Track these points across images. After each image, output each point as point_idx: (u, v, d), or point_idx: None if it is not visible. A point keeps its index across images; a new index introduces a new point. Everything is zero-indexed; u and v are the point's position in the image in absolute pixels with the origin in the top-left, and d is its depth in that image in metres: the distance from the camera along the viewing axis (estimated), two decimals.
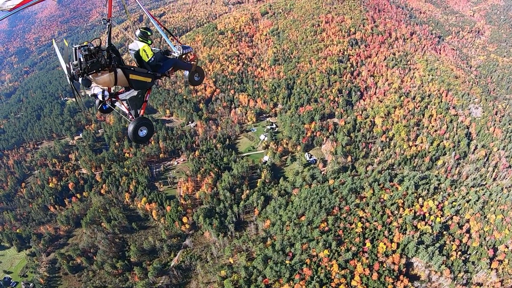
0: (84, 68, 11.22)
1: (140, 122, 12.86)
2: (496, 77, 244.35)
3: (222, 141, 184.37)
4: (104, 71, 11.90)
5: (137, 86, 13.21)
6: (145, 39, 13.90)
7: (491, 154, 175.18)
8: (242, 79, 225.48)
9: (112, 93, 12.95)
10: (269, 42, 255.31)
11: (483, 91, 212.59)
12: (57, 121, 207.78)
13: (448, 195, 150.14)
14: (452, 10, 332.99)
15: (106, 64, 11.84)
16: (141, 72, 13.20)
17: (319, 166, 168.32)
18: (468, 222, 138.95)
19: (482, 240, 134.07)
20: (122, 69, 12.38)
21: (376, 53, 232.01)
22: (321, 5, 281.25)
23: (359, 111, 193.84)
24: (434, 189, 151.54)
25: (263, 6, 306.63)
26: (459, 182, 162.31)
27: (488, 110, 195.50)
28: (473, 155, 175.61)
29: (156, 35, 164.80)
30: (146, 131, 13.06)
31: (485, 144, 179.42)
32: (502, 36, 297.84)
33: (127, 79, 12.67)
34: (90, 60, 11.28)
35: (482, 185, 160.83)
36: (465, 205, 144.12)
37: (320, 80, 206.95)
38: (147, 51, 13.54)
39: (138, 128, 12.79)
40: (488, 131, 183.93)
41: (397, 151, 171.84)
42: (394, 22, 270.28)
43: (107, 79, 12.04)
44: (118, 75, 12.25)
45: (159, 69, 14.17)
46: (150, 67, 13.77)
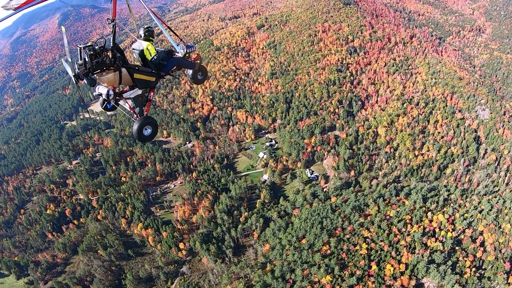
0: (89, 68, 11.17)
1: (144, 121, 12.76)
2: (501, 75, 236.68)
3: (219, 161, 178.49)
4: (108, 71, 11.78)
5: (142, 85, 13.16)
6: (148, 38, 13.89)
7: (502, 158, 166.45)
8: (239, 95, 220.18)
9: (117, 92, 12.90)
10: (266, 55, 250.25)
11: (489, 91, 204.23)
12: (55, 145, 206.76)
13: (459, 207, 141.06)
14: (451, 10, 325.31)
15: (111, 63, 11.69)
16: (145, 71, 13.14)
17: (321, 182, 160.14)
18: (482, 234, 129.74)
19: (497, 253, 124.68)
20: (127, 68, 12.34)
21: (376, 60, 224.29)
22: (317, 14, 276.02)
23: (361, 121, 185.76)
24: (444, 201, 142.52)
25: (259, 20, 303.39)
26: (470, 191, 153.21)
27: (496, 110, 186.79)
28: (483, 160, 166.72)
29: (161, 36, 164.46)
30: (151, 130, 13.02)
31: (495, 147, 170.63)
32: (504, 32, 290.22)
33: (132, 78, 12.64)
34: (95, 59, 11.22)
35: (495, 192, 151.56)
36: (477, 216, 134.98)
37: (319, 91, 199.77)
38: (150, 49, 13.40)
39: (143, 127, 12.71)
40: (497, 133, 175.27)
41: (403, 161, 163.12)
42: (393, 27, 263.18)
43: (112, 79, 12.00)
44: (122, 75, 12.20)
45: (163, 68, 14.09)
46: (154, 66, 13.62)
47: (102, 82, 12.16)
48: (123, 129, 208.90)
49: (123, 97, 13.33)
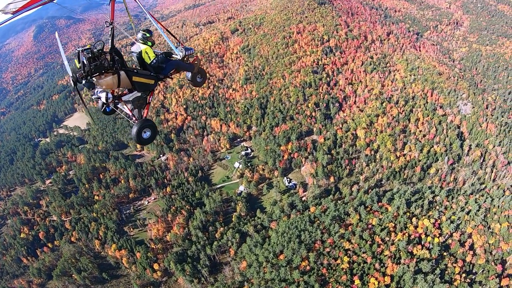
0: (87, 71, 11.19)
1: (144, 124, 12.70)
2: (482, 67, 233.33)
3: (194, 173, 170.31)
4: (107, 74, 11.76)
5: (140, 88, 13.10)
6: (146, 41, 13.75)
7: (487, 153, 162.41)
8: (213, 103, 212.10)
9: (115, 95, 12.94)
10: (240, 60, 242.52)
11: (470, 85, 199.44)
12: (29, 165, 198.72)
13: (445, 209, 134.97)
14: (428, 5, 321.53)
15: (109, 66, 11.70)
16: (144, 74, 13.10)
17: (299, 191, 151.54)
18: (471, 237, 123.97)
19: (488, 256, 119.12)
20: (125, 71, 12.30)
21: (352, 59, 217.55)
22: (291, 15, 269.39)
23: (339, 124, 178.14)
24: (429, 204, 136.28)
25: (233, 24, 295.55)
26: (456, 190, 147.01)
27: (478, 104, 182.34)
28: (468, 157, 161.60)
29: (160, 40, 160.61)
30: (150, 133, 12.89)
31: (479, 142, 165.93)
32: (482, 24, 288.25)
33: (130, 81, 12.59)
34: (93, 62, 11.19)
35: (482, 190, 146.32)
36: (465, 217, 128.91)
37: (295, 95, 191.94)
38: (149, 53, 13.37)
39: (142, 130, 12.61)
40: (480, 127, 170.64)
41: (384, 164, 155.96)
42: (369, 24, 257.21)
43: (110, 82, 11.93)
44: (121, 78, 12.14)
45: (162, 71, 13.98)
46: (153, 69, 13.57)
47: (101, 85, 11.91)
48: (96, 144, 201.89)
49: (122, 100, 13.20)
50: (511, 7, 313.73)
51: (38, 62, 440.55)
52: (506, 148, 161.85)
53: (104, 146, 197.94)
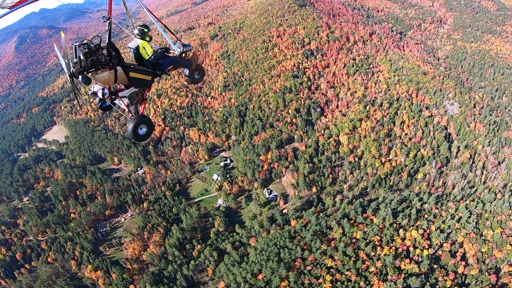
0: (84, 66, 11.00)
1: (140, 120, 12.54)
2: (467, 65, 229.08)
3: (171, 187, 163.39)
4: (104, 69, 11.62)
5: (137, 84, 12.91)
6: (144, 36, 13.49)
7: (476, 154, 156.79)
8: (191, 112, 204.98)
9: (112, 91, 12.89)
10: (219, 66, 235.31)
11: (456, 84, 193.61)
12: (6, 181, 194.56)
13: (434, 218, 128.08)
14: (410, 3, 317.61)
15: (106, 62, 11.55)
16: (141, 70, 12.86)
17: (280, 203, 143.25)
18: (462, 246, 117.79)
19: (481, 265, 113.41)
20: (122, 67, 12.08)
21: (334, 61, 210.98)
22: (271, 19, 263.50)
23: (321, 130, 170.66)
24: (417, 213, 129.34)
25: (212, 29, 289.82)
26: (445, 196, 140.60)
27: (465, 104, 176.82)
28: (456, 160, 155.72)
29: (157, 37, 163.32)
30: (146, 129, 12.77)
31: (468, 143, 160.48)
32: (466, 21, 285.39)
33: (127, 77, 12.38)
34: (90, 58, 11.05)
35: (472, 195, 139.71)
36: (456, 225, 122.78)
37: (275, 101, 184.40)
38: (147, 48, 13.22)
39: (138, 126, 12.49)
40: (468, 128, 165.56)
41: (369, 171, 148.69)
42: (351, 25, 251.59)
43: (107, 77, 11.79)
44: (118, 73, 11.96)
45: (159, 67, 13.83)
46: (150, 65, 13.38)
47: (97, 81, 11.91)
48: (73, 159, 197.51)
49: (119, 96, 13.02)
50: (495, 3, 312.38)
51: (20, 74, 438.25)
52: (495, 147, 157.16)
53: (82, 160, 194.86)
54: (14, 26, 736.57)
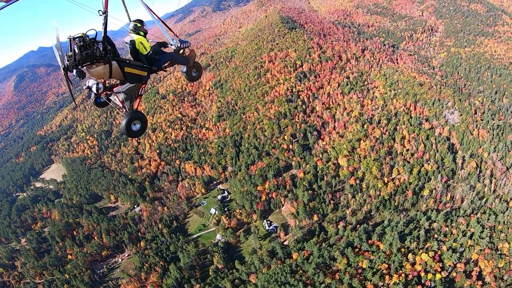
0: (79, 60, 10.72)
1: (133, 115, 12.21)
2: (463, 71, 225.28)
3: (168, 224, 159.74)
4: (98, 63, 11.39)
5: (132, 79, 12.63)
6: (139, 31, 13.22)
7: (482, 162, 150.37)
8: (186, 145, 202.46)
9: (107, 86, 12.60)
10: (212, 96, 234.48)
11: (454, 91, 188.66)
12: (5, 222, 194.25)
13: (444, 237, 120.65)
14: (400, 16, 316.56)
15: (101, 56, 11.30)
16: (136, 65, 12.59)
17: (281, 234, 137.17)
18: (477, 264, 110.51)
19: (499, 283, 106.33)
20: (117, 61, 11.82)
21: (328, 82, 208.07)
22: (262, 44, 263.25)
23: (318, 154, 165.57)
24: (426, 233, 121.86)
25: (205, 59, 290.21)
26: (454, 212, 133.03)
27: (466, 111, 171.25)
28: (462, 171, 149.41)
29: None
30: (140, 125, 12.44)
31: (473, 152, 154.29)
32: (457, 27, 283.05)
33: (122, 72, 12.13)
34: (85, 51, 10.79)
35: (483, 206, 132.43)
36: (468, 242, 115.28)
37: (270, 128, 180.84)
38: (144, 43, 12.94)
39: (131, 122, 12.17)
40: (472, 135, 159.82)
41: (372, 193, 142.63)
42: (342, 43, 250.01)
43: (102, 72, 11.56)
44: (113, 68, 11.72)
45: (156, 63, 13.50)
46: (146, 60, 13.08)
47: (92, 75, 11.64)
48: (70, 198, 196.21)
49: (114, 91, 12.81)
50: (484, 5, 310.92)
51: (19, 112, 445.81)
52: (502, 153, 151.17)
53: (79, 199, 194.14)
54: (13, 65, 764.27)
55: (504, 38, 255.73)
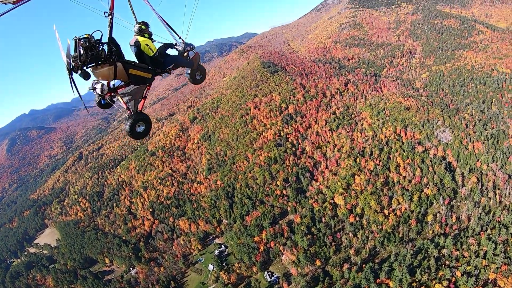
0: (84, 61, 11.02)
1: (137, 117, 12.68)
2: (448, 87, 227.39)
3: (166, 285, 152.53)
4: (103, 65, 11.75)
5: (137, 81, 13.00)
6: (143, 33, 13.66)
7: (483, 176, 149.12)
8: (179, 202, 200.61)
9: (111, 88, 12.77)
10: (201, 149, 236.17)
11: (442, 109, 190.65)
12: None
13: (456, 262, 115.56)
14: (378, 44, 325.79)
15: (106, 57, 11.67)
16: (141, 67, 13.03)
17: (283, 285, 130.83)
18: (496, 284, 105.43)
19: None
20: (122, 63, 12.18)
21: (315, 120, 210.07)
22: (246, 91, 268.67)
23: (314, 196, 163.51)
24: (437, 262, 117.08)
25: (191, 112, 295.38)
26: (463, 233, 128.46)
27: (457, 126, 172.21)
28: (464, 189, 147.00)
29: None
30: (144, 127, 12.92)
31: (471, 167, 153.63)
32: (434, 45, 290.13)
33: (127, 74, 12.49)
34: (90, 52, 11.11)
35: (491, 221, 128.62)
36: (483, 263, 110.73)
37: (261, 175, 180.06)
38: (150, 45, 13.34)
39: (136, 124, 12.62)
40: (467, 150, 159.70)
41: (374, 228, 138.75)
42: (325, 80, 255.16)
43: (106, 73, 11.92)
44: (117, 70, 12.02)
45: (160, 65, 13.97)
46: (151, 62, 13.50)
47: (97, 76, 12.00)
48: (65, 263, 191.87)
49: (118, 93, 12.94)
50: (456, 19, 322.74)
51: (12, 176, 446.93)
52: (501, 161, 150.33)
53: (73, 264, 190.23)
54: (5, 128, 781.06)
55: (481, 47, 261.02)
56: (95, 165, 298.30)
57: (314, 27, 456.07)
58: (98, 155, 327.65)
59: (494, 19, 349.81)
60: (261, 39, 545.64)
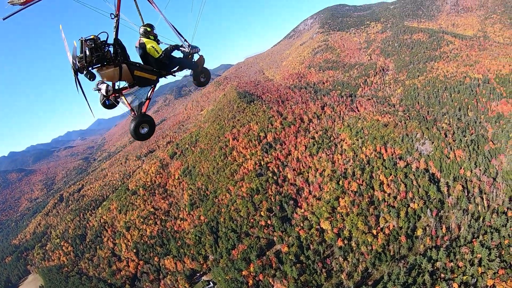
0: (89, 62, 11.33)
1: (141, 119, 12.89)
2: (423, 99, 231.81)
3: None
4: (109, 66, 12.00)
5: (142, 83, 13.35)
6: (149, 35, 13.99)
7: (468, 182, 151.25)
8: (163, 240, 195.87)
9: (116, 89, 13.23)
10: (183, 185, 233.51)
11: (420, 122, 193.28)
12: None
13: (452, 273, 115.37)
14: (351, 65, 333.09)
15: (112, 58, 11.92)
16: (146, 69, 13.34)
17: None
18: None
19: None
20: (128, 64, 12.48)
21: (294, 147, 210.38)
22: (224, 123, 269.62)
23: (299, 224, 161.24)
24: (431, 276, 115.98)
25: (170, 148, 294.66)
26: (455, 243, 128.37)
27: (436, 137, 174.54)
28: (451, 198, 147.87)
29: None
30: (147, 129, 13.16)
31: (455, 175, 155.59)
32: (406, 60, 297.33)
33: (132, 75, 12.79)
34: (96, 53, 11.38)
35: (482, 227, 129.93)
36: (479, 270, 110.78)
37: (244, 207, 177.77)
38: (155, 47, 13.60)
39: (140, 125, 12.84)
40: (449, 159, 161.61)
41: (363, 249, 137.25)
42: (302, 105, 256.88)
43: (112, 74, 12.19)
44: (123, 71, 12.30)
45: (165, 68, 14.24)
46: (156, 64, 13.78)
47: (102, 77, 12.22)
48: None
49: (122, 94, 13.35)
50: (425, 32, 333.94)
51: None
52: (483, 165, 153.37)
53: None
54: None
55: (451, 56, 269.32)
56: (76, 207, 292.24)
57: (287, 54, 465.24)
58: (79, 197, 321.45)
59: (461, 28, 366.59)
60: (236, 70, 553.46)
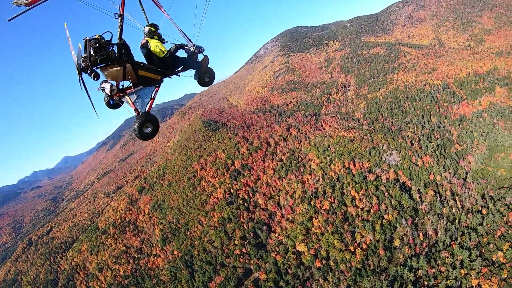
0: (94, 61, 11.41)
1: (145, 119, 12.85)
2: (386, 111, 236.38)
3: None
4: (113, 65, 12.12)
5: (146, 82, 13.49)
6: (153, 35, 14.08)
7: (439, 186, 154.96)
8: (137, 279, 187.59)
9: (121, 89, 13.21)
10: (153, 220, 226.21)
11: (385, 133, 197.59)
12: None
13: (435, 279, 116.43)
14: (312, 84, 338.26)
15: (116, 58, 12.05)
16: (150, 68, 13.46)
17: None
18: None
19: None
20: (132, 64, 12.67)
21: (263, 171, 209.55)
22: (190, 154, 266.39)
23: (275, 249, 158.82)
24: (414, 285, 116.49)
25: (138, 183, 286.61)
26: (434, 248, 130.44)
27: (402, 146, 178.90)
28: (424, 204, 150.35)
29: None
30: (151, 128, 13.12)
31: (425, 181, 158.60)
32: (366, 74, 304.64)
33: (136, 75, 12.96)
34: (100, 53, 11.47)
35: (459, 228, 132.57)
36: (462, 272, 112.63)
37: (217, 238, 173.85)
38: (160, 47, 13.69)
39: (144, 125, 12.81)
40: (418, 166, 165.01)
41: (343, 267, 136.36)
42: (267, 129, 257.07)
43: (116, 74, 12.28)
44: (127, 70, 12.46)
45: (169, 68, 14.34)
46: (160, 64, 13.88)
47: (106, 77, 12.33)
48: None
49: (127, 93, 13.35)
50: (382, 46, 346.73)
51: None
52: (452, 168, 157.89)
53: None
54: None
55: (410, 66, 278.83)
56: (46, 250, 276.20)
57: (250, 79, 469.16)
58: (48, 239, 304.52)
59: (416, 38, 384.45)
60: (200, 98, 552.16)
